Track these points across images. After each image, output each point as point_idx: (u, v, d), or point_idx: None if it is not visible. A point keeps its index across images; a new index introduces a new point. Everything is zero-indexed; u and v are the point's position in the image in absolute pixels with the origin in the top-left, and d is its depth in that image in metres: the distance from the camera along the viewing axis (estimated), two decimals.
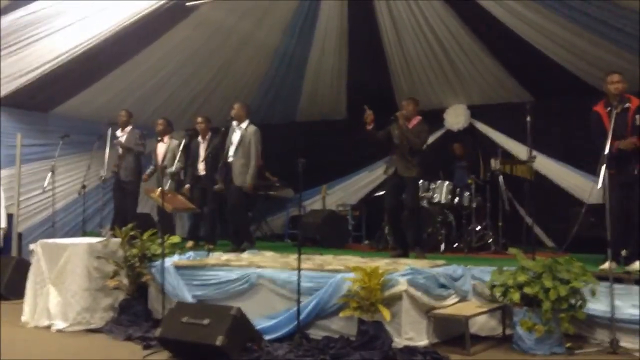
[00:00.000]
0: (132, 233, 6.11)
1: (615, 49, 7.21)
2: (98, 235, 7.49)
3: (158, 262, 5.80)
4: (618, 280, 4.98)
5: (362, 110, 6.52)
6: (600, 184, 4.80)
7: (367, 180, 10.08)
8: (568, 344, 4.74)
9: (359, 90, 9.77)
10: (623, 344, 4.67)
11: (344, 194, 10.32)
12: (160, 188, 6.50)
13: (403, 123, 6.58)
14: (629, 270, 5.27)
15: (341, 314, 4.83)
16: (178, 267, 5.88)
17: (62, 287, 5.94)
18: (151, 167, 8.38)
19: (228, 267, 5.74)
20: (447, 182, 8.02)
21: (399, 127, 6.61)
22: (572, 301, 4.69)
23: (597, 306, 4.86)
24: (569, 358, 4.60)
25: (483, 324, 5.21)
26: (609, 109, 5.51)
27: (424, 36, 8.52)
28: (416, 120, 6.70)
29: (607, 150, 4.93)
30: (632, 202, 5.55)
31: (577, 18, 6.98)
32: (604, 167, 4.82)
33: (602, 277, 4.87)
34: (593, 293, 4.76)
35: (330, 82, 9.93)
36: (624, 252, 5.45)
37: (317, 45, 9.16)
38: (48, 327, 5.89)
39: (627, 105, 5.51)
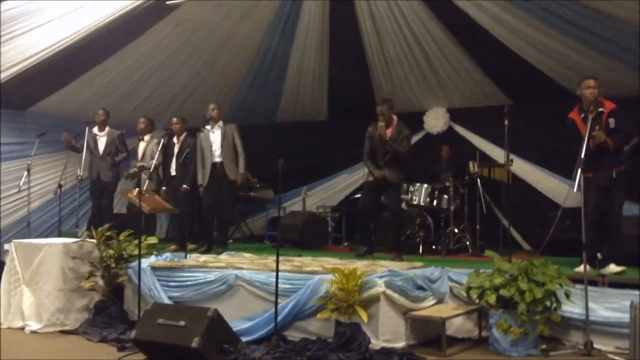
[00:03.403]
0: (108, 234, 6.05)
1: (593, 54, 7.31)
2: (74, 235, 7.39)
3: (134, 263, 5.75)
4: (592, 282, 5.04)
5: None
6: (576, 188, 4.85)
7: (348, 182, 10.10)
8: (543, 346, 4.79)
9: (340, 92, 9.80)
10: (597, 345, 4.71)
11: (325, 195, 10.33)
12: (137, 188, 6.44)
13: (383, 135, 6.60)
14: (604, 273, 5.35)
15: (319, 316, 4.84)
16: (155, 268, 5.84)
17: (37, 287, 5.87)
18: (133, 165, 8.25)
19: (206, 268, 5.70)
20: (425, 185, 8.06)
21: (381, 138, 6.63)
22: (547, 303, 4.74)
23: (571, 308, 4.91)
24: (543, 359, 4.65)
25: (460, 325, 5.23)
26: (583, 115, 5.57)
27: (404, 38, 8.55)
28: (394, 122, 6.72)
29: (582, 154, 4.98)
30: (609, 205, 5.61)
31: (554, 22, 7.06)
32: (579, 171, 4.87)
33: (577, 280, 4.93)
34: (568, 295, 4.81)
35: (312, 84, 9.93)
36: (599, 255, 5.53)
37: (298, 46, 9.16)
38: (22, 328, 5.83)
39: (600, 109, 5.58)
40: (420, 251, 7.73)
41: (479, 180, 7.96)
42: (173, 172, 7.75)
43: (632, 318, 4.09)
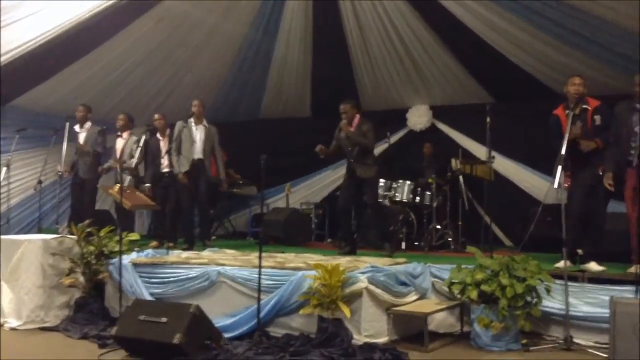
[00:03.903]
0: (89, 230, 5.99)
1: (575, 53, 7.39)
2: (55, 232, 7.30)
3: (115, 260, 5.70)
4: (572, 278, 5.10)
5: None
6: (556, 184, 4.90)
7: (331, 178, 10.11)
8: (524, 341, 4.82)
9: (323, 89, 9.80)
10: (577, 340, 4.77)
11: (308, 192, 10.34)
12: (118, 184, 6.38)
13: (346, 130, 6.66)
14: (584, 269, 5.41)
15: (301, 312, 4.83)
16: (136, 265, 5.79)
17: (16, 284, 5.78)
18: (110, 161, 8.18)
19: (188, 264, 5.67)
20: (408, 182, 8.09)
21: (344, 134, 6.69)
22: (528, 298, 4.78)
23: (552, 303, 4.97)
24: (524, 354, 4.68)
25: (442, 320, 5.27)
26: (567, 112, 5.61)
27: (387, 36, 8.58)
28: (356, 120, 6.77)
29: (563, 151, 5.02)
30: (593, 203, 5.65)
31: (536, 21, 7.13)
32: (560, 168, 4.91)
33: (557, 276, 4.98)
34: (548, 291, 4.86)
35: (295, 81, 9.92)
36: (580, 251, 5.59)
37: (281, 42, 9.14)
38: (0, 325, 5.73)
39: (585, 106, 5.63)
40: (403, 247, 7.76)
41: (461, 177, 8.02)
42: (165, 169, 7.66)
43: (612, 313, 4.13)
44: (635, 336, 3.98)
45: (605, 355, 4.37)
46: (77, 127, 8.02)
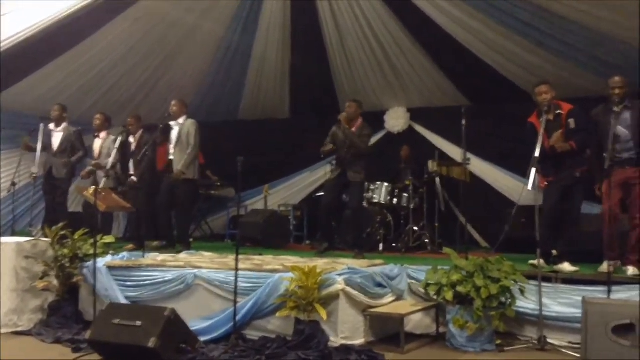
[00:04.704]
0: (62, 232, 5.91)
1: (549, 56, 7.49)
2: (29, 234, 7.19)
3: (90, 263, 5.64)
4: (546, 279, 5.17)
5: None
6: (529, 186, 4.96)
7: (310, 180, 10.10)
8: (498, 341, 4.88)
9: (303, 91, 9.80)
10: (551, 340, 4.83)
11: (287, 194, 10.31)
12: (93, 186, 6.31)
13: (345, 125, 6.65)
14: (558, 270, 5.48)
15: (278, 314, 4.83)
16: (111, 268, 5.73)
17: None
18: (89, 165, 8.07)
19: (164, 267, 5.63)
20: (386, 184, 8.13)
21: (342, 130, 6.66)
22: (503, 299, 4.84)
23: (526, 304, 5.03)
24: (499, 354, 4.73)
25: (418, 322, 5.30)
26: (541, 119, 5.68)
27: (366, 38, 8.61)
28: (359, 122, 6.77)
29: (537, 153, 5.09)
30: (570, 205, 5.73)
31: (511, 24, 7.21)
32: (534, 170, 4.97)
33: (531, 276, 5.04)
34: (522, 291, 4.92)
35: (274, 82, 9.90)
36: (554, 252, 5.67)
37: (259, 43, 9.10)
38: None
39: (558, 111, 5.72)
40: (381, 249, 7.79)
41: (438, 179, 8.08)
42: (132, 171, 7.62)
43: (584, 313, 4.20)
44: (607, 336, 4.04)
45: (578, 355, 4.43)
46: (52, 126, 7.91)
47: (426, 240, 7.90)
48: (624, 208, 5.53)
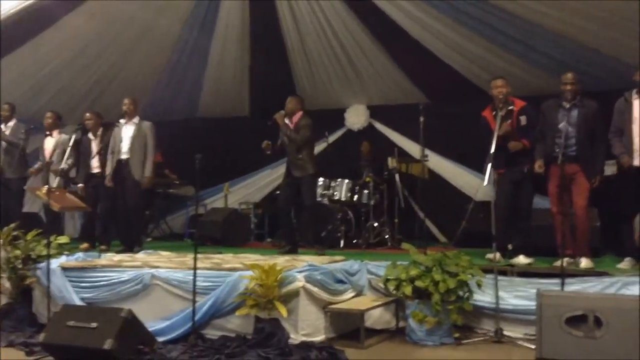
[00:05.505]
0: (15, 233, 5.75)
1: (504, 54, 7.63)
2: None
3: (43, 264, 5.49)
4: (502, 272, 5.27)
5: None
6: (486, 182, 5.05)
7: (270, 178, 10.06)
8: (456, 334, 4.94)
9: (262, 89, 9.74)
10: (507, 332, 4.92)
11: (247, 192, 10.25)
12: (47, 186, 6.15)
13: (282, 123, 6.68)
14: (513, 263, 5.60)
15: (237, 313, 4.79)
16: (65, 269, 5.59)
17: None
18: (39, 163, 7.87)
19: (120, 268, 5.52)
20: (347, 180, 8.16)
21: (280, 128, 6.69)
22: (460, 293, 4.90)
23: (483, 297, 5.10)
24: (457, 348, 4.80)
25: (378, 317, 5.31)
26: (494, 112, 5.81)
27: (325, 36, 8.62)
28: (298, 115, 6.78)
29: (492, 149, 5.18)
30: (520, 199, 5.91)
31: (467, 22, 7.33)
32: (489, 166, 5.07)
33: (488, 270, 5.12)
34: (479, 285, 5.00)
35: (233, 80, 9.81)
36: (510, 246, 5.79)
37: (218, 41, 9.01)
38: None
39: (510, 107, 5.84)
40: (342, 245, 7.82)
41: (397, 175, 8.15)
42: (95, 169, 7.41)
43: (538, 305, 4.29)
44: (560, 327, 4.14)
45: (533, 346, 4.52)
46: (2, 126, 7.68)
47: (386, 236, 7.96)
48: (569, 198, 5.63)
